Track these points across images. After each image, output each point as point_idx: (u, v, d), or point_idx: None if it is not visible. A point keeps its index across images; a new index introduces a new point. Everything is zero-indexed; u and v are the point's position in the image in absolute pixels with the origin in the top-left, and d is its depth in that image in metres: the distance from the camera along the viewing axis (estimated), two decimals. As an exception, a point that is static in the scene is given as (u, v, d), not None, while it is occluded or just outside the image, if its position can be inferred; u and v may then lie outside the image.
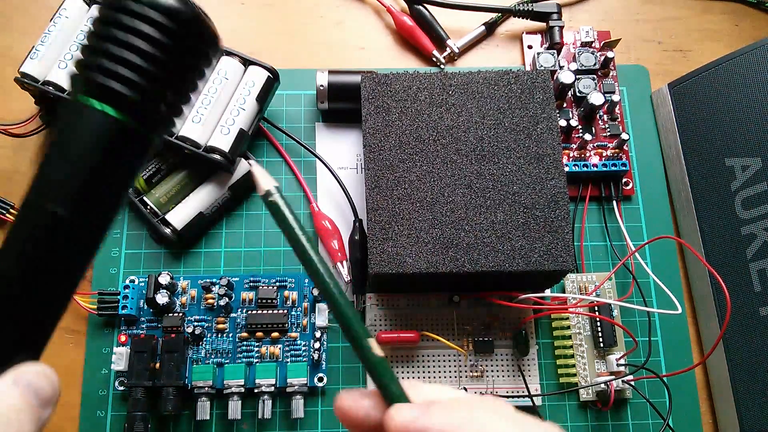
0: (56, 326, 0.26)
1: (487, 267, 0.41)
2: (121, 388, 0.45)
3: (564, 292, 0.49)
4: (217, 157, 0.46)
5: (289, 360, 0.46)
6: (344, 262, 0.48)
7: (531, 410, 0.47)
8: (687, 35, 0.58)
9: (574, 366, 0.47)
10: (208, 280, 0.47)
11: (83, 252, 0.26)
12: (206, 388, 0.44)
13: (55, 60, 0.47)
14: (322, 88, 0.50)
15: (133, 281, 0.47)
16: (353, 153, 0.53)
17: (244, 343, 0.46)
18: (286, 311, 0.47)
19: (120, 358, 0.44)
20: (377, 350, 0.27)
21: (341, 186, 0.50)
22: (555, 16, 0.55)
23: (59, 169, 0.25)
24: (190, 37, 0.26)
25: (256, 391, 0.45)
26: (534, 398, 0.45)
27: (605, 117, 0.53)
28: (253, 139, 0.50)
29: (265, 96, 0.48)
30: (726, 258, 0.47)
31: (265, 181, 0.27)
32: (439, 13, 0.56)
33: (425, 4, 0.56)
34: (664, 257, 0.51)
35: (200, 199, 0.48)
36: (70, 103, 0.26)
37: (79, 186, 0.25)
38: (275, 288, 0.47)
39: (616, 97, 0.52)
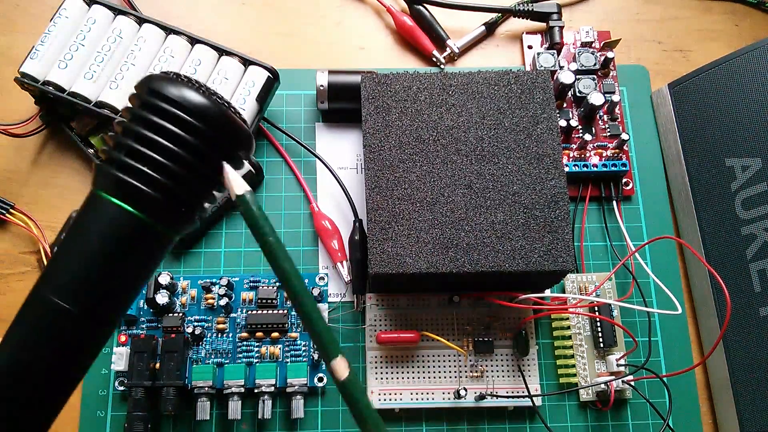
0: (54, 419, 0.25)
1: (487, 267, 0.41)
2: (121, 388, 0.45)
3: (564, 292, 0.49)
4: (217, 157, 0.46)
5: (289, 360, 0.46)
6: (344, 262, 0.48)
7: (531, 411, 0.47)
8: (687, 35, 0.58)
9: (574, 366, 0.47)
10: (208, 280, 0.47)
11: (90, 348, 0.25)
12: (206, 388, 0.44)
13: (55, 60, 0.47)
14: (322, 88, 0.50)
15: (133, 281, 0.47)
16: (353, 153, 0.53)
17: (244, 343, 0.46)
18: (286, 311, 0.47)
19: (120, 358, 0.44)
20: (342, 371, 0.26)
21: (341, 186, 0.50)
22: (555, 16, 0.55)
23: (73, 262, 0.24)
24: (218, 137, 0.25)
25: (256, 391, 0.45)
26: (534, 398, 0.45)
27: (605, 117, 0.53)
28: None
29: (265, 96, 0.48)
30: (726, 258, 0.47)
31: (237, 185, 0.26)
32: (439, 13, 0.56)
33: (425, 4, 0.56)
34: (664, 257, 0.51)
35: (200, 199, 0.48)
36: (91, 194, 0.25)
37: (91, 283, 0.24)
38: (275, 288, 0.47)
39: (616, 97, 0.52)
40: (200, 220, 0.28)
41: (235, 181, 0.26)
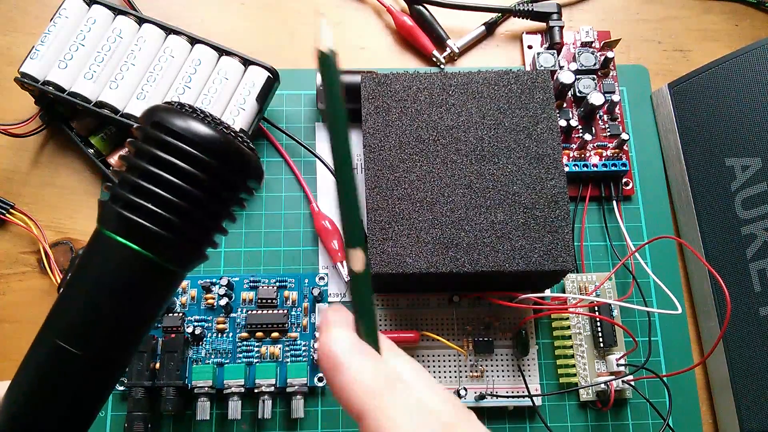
0: None
1: (487, 267, 0.41)
2: (121, 388, 0.45)
3: (564, 292, 0.49)
4: (217, 157, 0.46)
5: (289, 360, 0.46)
6: (344, 262, 0.48)
7: (531, 410, 0.47)
8: (687, 35, 0.58)
9: (574, 366, 0.47)
10: (208, 280, 0.47)
11: (99, 391, 0.24)
12: (206, 388, 0.44)
13: (55, 60, 0.47)
14: (322, 88, 0.50)
15: (133, 281, 0.47)
16: (353, 153, 0.52)
17: (244, 343, 0.46)
18: (286, 311, 0.47)
19: (120, 358, 0.44)
20: (358, 264, 0.26)
21: (341, 186, 0.50)
22: (555, 16, 0.55)
23: (78, 304, 0.24)
24: (227, 170, 0.24)
25: (256, 391, 0.45)
26: (534, 398, 0.45)
27: (605, 117, 0.53)
28: (253, 139, 0.50)
29: (265, 96, 0.48)
30: (726, 258, 0.47)
31: (326, 39, 0.25)
32: (439, 13, 0.56)
33: (425, 4, 0.56)
34: (664, 257, 0.51)
35: (200, 199, 0.48)
36: (96, 233, 0.24)
37: (99, 325, 0.23)
38: (275, 288, 0.47)
39: (616, 97, 0.52)
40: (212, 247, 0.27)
41: (325, 35, 0.25)
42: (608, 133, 0.53)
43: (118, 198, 0.24)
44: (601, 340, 0.47)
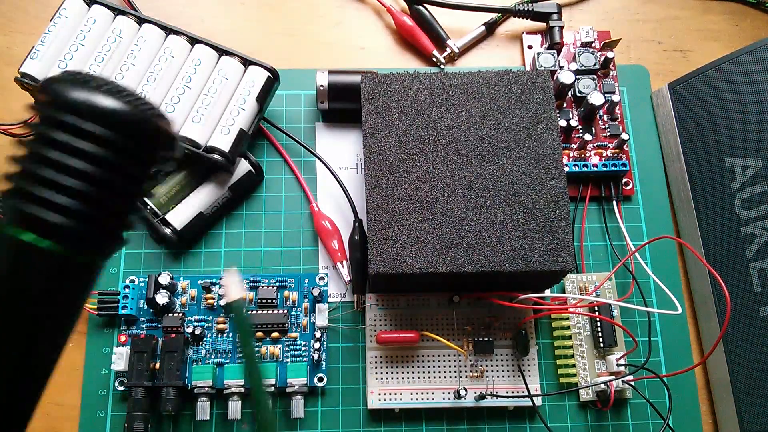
0: None
1: (487, 267, 0.41)
2: (121, 388, 0.45)
3: (564, 292, 0.49)
4: (217, 157, 0.46)
5: (289, 360, 0.46)
6: (344, 262, 0.48)
7: (531, 410, 0.47)
8: (687, 35, 0.58)
9: (574, 366, 0.47)
10: (208, 280, 0.47)
11: (16, 411, 0.22)
12: (206, 388, 0.44)
13: (55, 60, 0.47)
14: (322, 88, 0.50)
15: (133, 281, 0.47)
16: (353, 153, 0.53)
17: (244, 343, 0.46)
18: (286, 311, 0.47)
19: (120, 358, 0.44)
20: None
21: (341, 186, 0.50)
22: (555, 16, 0.55)
23: None
24: (135, 145, 0.22)
25: (256, 391, 0.45)
26: (534, 398, 0.45)
27: (605, 117, 0.53)
28: (253, 139, 0.50)
29: (265, 96, 0.48)
30: (726, 258, 0.47)
31: (235, 291, 0.30)
32: (439, 13, 0.56)
33: (425, 4, 0.56)
34: (664, 257, 0.51)
35: (200, 199, 0.48)
36: None
37: (9, 333, 0.21)
38: (275, 288, 0.47)
39: (616, 97, 0.52)
40: (130, 232, 0.24)
41: (234, 287, 0.30)
42: (608, 133, 0.53)
43: (16, 190, 0.21)
44: (601, 340, 0.47)
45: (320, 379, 0.46)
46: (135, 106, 0.22)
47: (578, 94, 0.53)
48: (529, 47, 0.56)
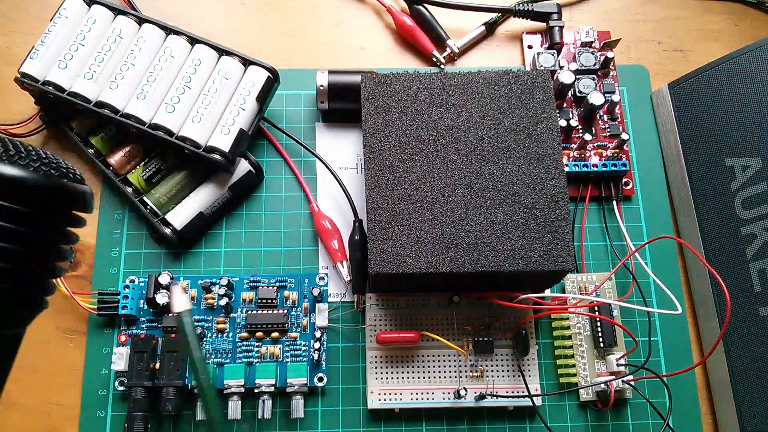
0: None
1: (487, 267, 0.41)
2: (121, 388, 0.45)
3: (564, 292, 0.49)
4: (217, 157, 0.46)
5: (289, 360, 0.46)
6: (344, 262, 0.48)
7: (531, 410, 0.47)
8: (687, 35, 0.58)
9: (574, 366, 0.47)
10: (208, 280, 0.47)
11: None
12: (206, 388, 0.44)
13: (55, 60, 0.47)
14: (322, 88, 0.50)
15: (133, 281, 0.47)
16: (353, 153, 0.53)
17: (244, 343, 0.46)
18: (286, 311, 0.47)
19: (120, 358, 0.44)
20: None
21: (341, 186, 0.50)
22: (555, 16, 0.55)
23: None
24: (46, 211, 0.21)
25: (256, 391, 0.45)
26: (534, 398, 0.45)
27: (605, 117, 0.53)
28: (253, 139, 0.50)
29: (265, 96, 0.48)
30: (726, 258, 0.47)
31: (180, 303, 0.34)
32: (439, 13, 0.56)
33: (425, 4, 0.56)
34: (664, 257, 0.51)
35: (200, 199, 0.48)
36: None
37: None
38: (275, 288, 0.47)
39: (616, 97, 0.52)
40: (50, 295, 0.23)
41: (178, 299, 0.34)
42: (608, 133, 0.53)
43: None
44: (601, 340, 0.47)
45: (320, 379, 0.46)
46: (35, 169, 0.21)
47: (578, 94, 0.53)
48: (529, 47, 0.56)
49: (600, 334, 0.47)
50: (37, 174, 0.21)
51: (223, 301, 0.46)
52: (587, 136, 0.51)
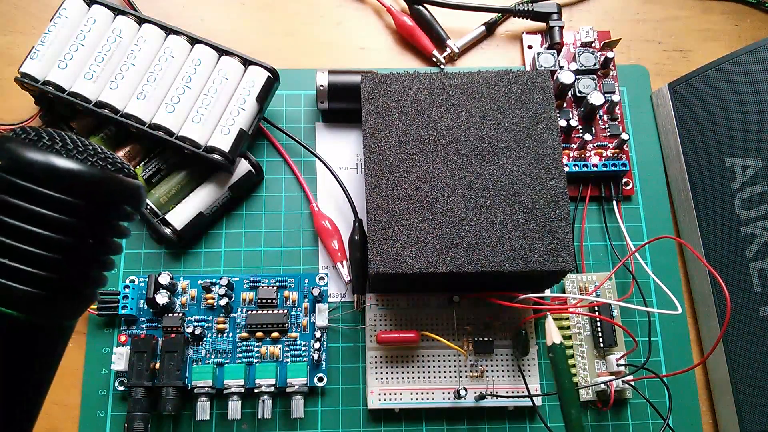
0: None
1: (487, 267, 0.41)
2: (121, 388, 0.45)
3: (564, 292, 0.49)
4: (217, 157, 0.46)
5: (289, 360, 0.46)
6: (344, 262, 0.48)
7: (531, 410, 0.47)
8: (687, 35, 0.58)
9: (574, 366, 0.47)
10: (208, 280, 0.47)
11: None
12: (206, 388, 0.44)
13: (55, 60, 0.47)
14: (322, 88, 0.50)
15: (133, 281, 0.47)
16: (353, 153, 0.53)
17: (244, 343, 0.46)
18: (286, 311, 0.47)
19: (120, 358, 0.44)
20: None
21: (341, 186, 0.50)
22: (555, 16, 0.55)
23: None
24: (98, 207, 0.21)
25: (256, 391, 0.45)
26: (534, 398, 0.45)
27: (605, 117, 0.53)
28: (253, 139, 0.50)
29: (265, 96, 0.48)
30: (726, 258, 0.47)
31: (554, 335, 0.42)
32: (439, 13, 0.56)
33: (425, 4, 0.56)
34: (664, 257, 0.51)
35: (200, 199, 0.48)
36: None
37: None
38: (275, 288, 0.47)
39: (616, 97, 0.52)
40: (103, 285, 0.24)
41: (551, 331, 0.41)
42: (608, 133, 0.53)
43: None
44: (601, 340, 0.47)
45: (320, 379, 0.46)
46: (92, 164, 0.21)
47: (578, 94, 0.53)
48: (529, 47, 0.56)
49: (600, 334, 0.47)
50: (94, 168, 0.21)
51: (223, 301, 0.46)
52: (587, 136, 0.51)
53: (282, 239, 0.50)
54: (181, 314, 0.46)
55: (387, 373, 0.46)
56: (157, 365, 0.44)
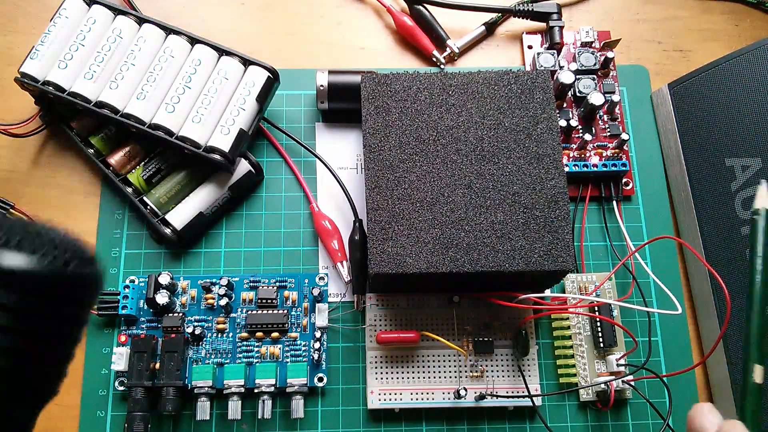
0: None
1: (487, 267, 0.41)
2: (121, 388, 0.45)
3: (564, 292, 0.49)
4: (217, 157, 0.46)
5: (289, 360, 0.46)
6: (344, 262, 0.48)
7: (531, 410, 0.47)
8: (687, 35, 0.58)
9: (574, 366, 0.47)
10: (208, 280, 0.47)
11: None
12: (206, 388, 0.44)
13: (55, 60, 0.47)
14: (322, 88, 0.50)
15: (133, 281, 0.47)
16: (353, 153, 0.53)
17: (244, 343, 0.46)
18: (286, 311, 0.47)
19: (120, 358, 0.44)
20: (757, 377, 0.32)
21: (341, 186, 0.50)
22: (555, 16, 0.55)
23: None
24: (51, 307, 0.19)
25: (256, 391, 0.45)
26: (534, 398, 0.45)
27: (605, 117, 0.53)
28: (253, 139, 0.50)
29: (265, 96, 0.48)
30: (726, 258, 0.47)
31: (763, 199, 0.34)
32: (439, 13, 0.56)
33: (425, 4, 0.56)
34: (664, 257, 0.51)
35: (200, 199, 0.48)
36: None
37: None
38: (275, 288, 0.47)
39: (616, 97, 0.52)
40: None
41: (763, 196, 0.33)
42: (608, 133, 0.53)
43: None
44: (601, 340, 0.47)
45: (320, 379, 0.46)
46: (44, 258, 0.19)
47: (578, 94, 0.53)
48: (529, 47, 0.56)
49: (600, 334, 0.47)
50: (41, 263, 0.19)
51: (223, 301, 0.46)
52: (587, 136, 0.51)
53: (282, 239, 0.50)
54: (181, 314, 0.46)
55: (387, 373, 0.46)
56: (157, 365, 0.44)
